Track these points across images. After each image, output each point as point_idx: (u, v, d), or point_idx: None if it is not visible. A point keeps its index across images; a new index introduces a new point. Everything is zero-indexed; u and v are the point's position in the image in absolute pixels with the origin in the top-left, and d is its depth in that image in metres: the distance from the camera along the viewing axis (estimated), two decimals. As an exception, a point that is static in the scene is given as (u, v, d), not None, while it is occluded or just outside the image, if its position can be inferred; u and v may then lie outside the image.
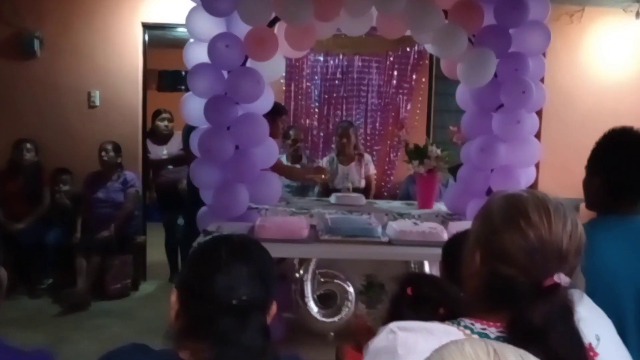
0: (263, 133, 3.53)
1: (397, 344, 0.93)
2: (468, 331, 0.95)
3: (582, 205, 1.73)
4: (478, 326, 0.96)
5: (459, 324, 0.97)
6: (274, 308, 1.18)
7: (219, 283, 1.11)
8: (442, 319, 1.00)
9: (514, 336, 0.92)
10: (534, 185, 4.64)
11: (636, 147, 1.59)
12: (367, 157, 4.89)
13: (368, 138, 5.76)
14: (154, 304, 4.74)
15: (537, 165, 3.77)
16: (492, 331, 0.96)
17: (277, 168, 3.93)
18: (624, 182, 1.59)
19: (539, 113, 3.77)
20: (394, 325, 0.96)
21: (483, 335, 0.95)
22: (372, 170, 4.79)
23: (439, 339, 0.88)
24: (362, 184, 3.81)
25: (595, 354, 1.00)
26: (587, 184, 1.66)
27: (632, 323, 1.44)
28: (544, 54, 3.62)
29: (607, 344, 1.03)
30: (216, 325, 1.08)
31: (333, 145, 5.00)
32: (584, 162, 1.69)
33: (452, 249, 1.61)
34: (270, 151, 3.67)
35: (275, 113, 3.99)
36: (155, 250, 5.41)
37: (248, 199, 3.54)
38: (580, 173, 1.72)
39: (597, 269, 1.35)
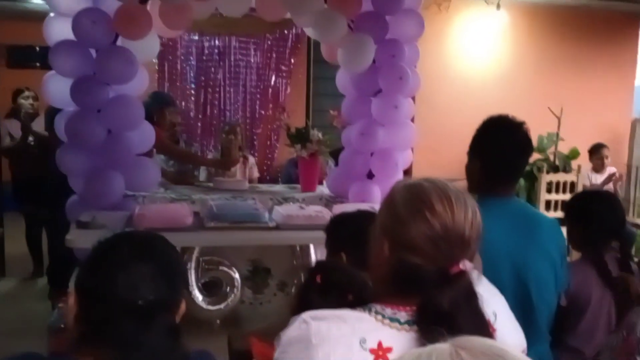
0: (137, 116, 3.36)
1: (311, 333, 0.94)
2: (379, 317, 0.97)
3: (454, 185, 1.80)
4: (389, 311, 0.98)
5: (370, 310, 0.99)
6: (183, 307, 1.16)
7: (121, 283, 1.07)
8: (351, 305, 1.01)
9: (423, 320, 0.96)
10: (409, 168, 4.86)
11: (510, 133, 1.68)
12: (251, 159, 4.88)
13: (248, 121, 5.68)
14: (16, 304, 4.35)
15: (412, 148, 3.89)
16: (403, 315, 0.98)
17: (168, 150, 3.94)
18: (499, 166, 1.68)
19: (413, 98, 3.89)
20: (306, 315, 0.96)
21: (394, 320, 0.97)
22: (256, 173, 4.81)
23: (351, 326, 0.95)
24: (246, 186, 3.82)
25: (494, 330, 1.04)
26: (469, 168, 1.73)
27: (511, 298, 1.51)
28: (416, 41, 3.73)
29: (503, 319, 1.10)
30: (119, 328, 1.05)
31: (218, 147, 4.95)
32: (452, 145, 1.76)
33: (335, 232, 1.63)
34: (146, 135, 3.49)
35: (163, 103, 4.00)
36: (14, 244, 4.93)
37: (123, 186, 3.37)
38: (449, 154, 1.78)
39: (480, 247, 1.43)
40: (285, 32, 5.59)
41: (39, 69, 3.56)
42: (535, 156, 5.32)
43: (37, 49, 6.65)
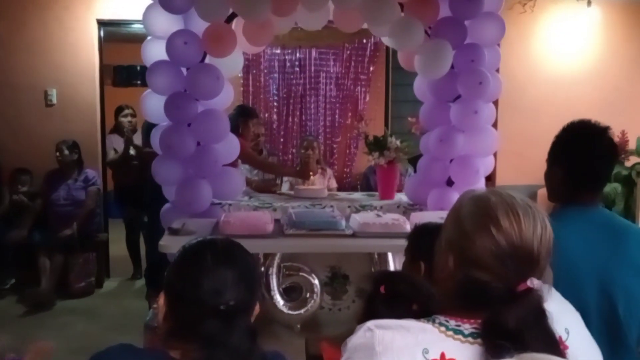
0: (224, 129, 3.49)
1: (375, 341, 0.95)
2: (443, 328, 0.97)
3: (540, 192, 1.74)
4: (452, 323, 0.98)
5: (433, 321, 0.99)
6: (257, 308, 1.21)
7: (205, 287, 1.13)
8: (416, 315, 1.02)
9: (488, 335, 0.94)
10: (492, 174, 4.70)
11: (594, 138, 1.59)
12: (329, 171, 4.96)
13: (327, 130, 5.74)
14: (118, 301, 4.67)
15: (494, 154, 3.80)
16: (467, 327, 0.97)
17: (252, 160, 4.10)
18: (583, 174, 1.59)
19: (495, 103, 3.79)
20: (371, 323, 0.98)
21: (458, 332, 0.97)
22: (334, 184, 4.87)
23: (415, 336, 0.95)
24: (325, 194, 3.91)
25: (565, 347, 1.01)
26: (549, 175, 1.66)
27: (595, 313, 1.46)
28: (498, 44, 3.64)
29: (576, 337, 1.06)
30: (204, 328, 1.09)
31: (298, 160, 5.10)
32: (539, 150, 1.69)
33: (417, 240, 1.62)
34: (232, 147, 3.63)
35: (247, 115, 4.15)
36: (117, 247, 5.28)
37: (211, 194, 3.49)
38: (535, 160, 1.71)
39: (560, 260, 1.38)
40: (364, 41, 5.60)
41: (140, 86, 3.81)
42: (633, 160, 4.96)
43: (138, 68, 7.12)
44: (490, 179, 4.96)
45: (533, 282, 0.95)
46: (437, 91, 3.56)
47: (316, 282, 3.24)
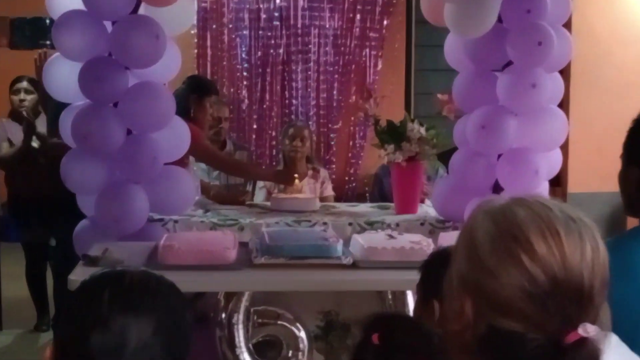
0: (166, 111, 3.49)
1: None
2: None
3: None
4: None
5: None
6: None
7: (95, 344, 1.13)
8: None
9: None
10: (560, 177, 4.68)
11: None
12: (323, 171, 5.00)
13: (322, 113, 5.73)
14: (15, 364, 4.60)
15: (563, 148, 3.82)
16: None
17: (210, 157, 4.15)
18: None
19: (564, 73, 3.77)
20: None
21: None
22: (330, 190, 4.92)
23: None
24: (316, 206, 3.97)
25: None
26: (623, 177, 1.68)
27: None
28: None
29: None
30: None
31: (280, 156, 5.15)
32: None
33: (430, 272, 1.69)
34: (178, 137, 3.64)
35: (202, 91, 4.14)
36: (13, 285, 5.22)
37: (147, 206, 3.51)
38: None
39: (631, 297, 1.44)
40: (374, -16, 5.61)
41: (52, 48, 3.75)
42: None
43: (47, 22, 7.00)
44: (558, 183, 4.96)
45: (587, 330, 0.95)
46: (477, 56, 3.56)
47: (303, 334, 3.25)
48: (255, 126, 5.73)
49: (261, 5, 5.64)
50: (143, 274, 1.26)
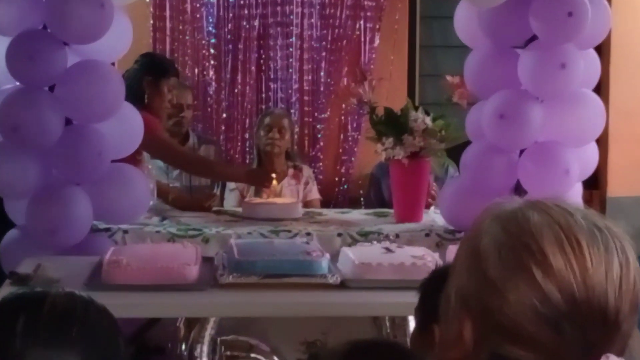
0: (114, 96, 3.52)
1: None
2: None
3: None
4: None
5: None
6: None
7: None
8: None
9: None
10: (597, 178, 4.70)
11: None
12: (306, 170, 5.03)
13: (306, 100, 5.72)
14: None
15: (601, 141, 3.85)
16: None
17: (169, 153, 4.19)
18: None
19: (602, 51, 3.79)
20: None
21: None
22: (316, 194, 4.96)
23: None
24: (298, 213, 4.00)
25: None
26: None
27: None
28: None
29: None
30: None
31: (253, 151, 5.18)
32: None
33: (430, 293, 1.72)
34: (129, 128, 3.67)
35: (159, 72, 4.17)
36: None
37: (91, 213, 3.52)
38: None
39: None
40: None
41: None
42: None
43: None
44: (595, 185, 4.97)
45: None
46: (494, 30, 3.60)
47: (281, 369, 3.27)
48: (224, 115, 5.70)
49: (231, -33, 5.65)
50: (68, 297, 1.24)
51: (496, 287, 1.00)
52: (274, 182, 4.17)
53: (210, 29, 5.70)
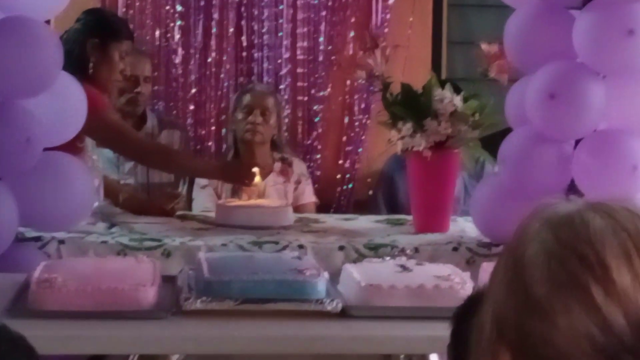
0: (48, 63, 3.53)
1: None
2: None
3: None
4: None
5: None
6: None
7: None
8: None
9: None
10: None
11: None
12: (298, 165, 5.08)
13: (299, 73, 5.73)
14: None
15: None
16: None
17: (120, 139, 4.21)
18: None
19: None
20: None
21: None
22: (311, 195, 5.02)
23: None
24: (288, 220, 4.02)
25: None
26: None
27: None
28: None
29: None
30: None
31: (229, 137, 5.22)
32: None
33: (464, 325, 1.76)
34: (69, 105, 3.68)
35: (107, 35, 4.19)
36: None
37: (16, 217, 3.53)
38: None
39: None
40: None
41: None
42: None
43: None
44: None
45: None
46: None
47: None
48: (193, 91, 5.72)
49: None
50: None
51: (542, 308, 1.01)
52: (256, 178, 4.16)
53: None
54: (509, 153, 3.76)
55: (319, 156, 5.71)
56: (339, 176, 5.75)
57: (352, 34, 5.72)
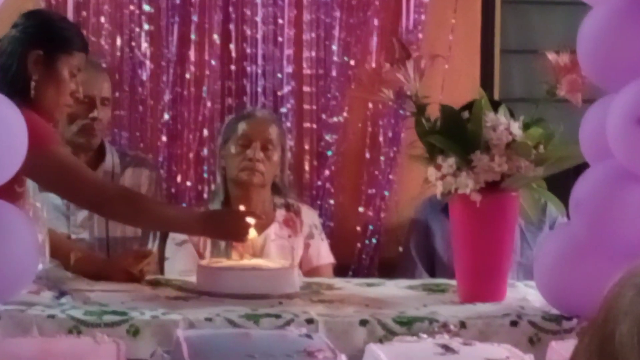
0: None
1: None
2: None
3: None
4: None
5: None
6: None
7: None
8: None
9: None
10: None
11: None
12: (308, 214, 5.11)
13: (306, 92, 5.75)
14: None
15: None
16: None
17: (71, 181, 4.20)
18: None
19: None
20: None
21: None
22: (328, 255, 5.07)
23: None
24: (293, 287, 3.99)
25: None
26: None
27: None
28: None
29: None
30: None
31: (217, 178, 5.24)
32: None
33: None
34: (4, 136, 3.63)
35: (55, 45, 4.20)
36: None
37: None
38: None
39: None
40: None
41: None
42: None
43: None
44: None
45: None
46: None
47: None
48: (166, 117, 5.76)
49: None
50: None
51: None
52: (252, 232, 4.15)
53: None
54: (585, 196, 3.74)
55: (332, 202, 5.74)
56: (359, 228, 5.77)
57: (375, 40, 5.77)
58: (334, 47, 5.75)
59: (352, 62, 5.77)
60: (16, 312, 3.62)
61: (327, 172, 5.75)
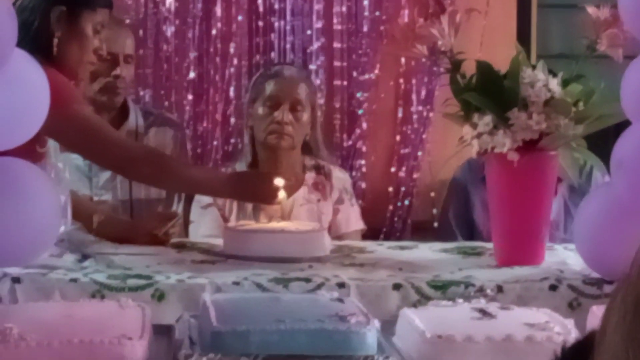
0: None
1: None
2: None
3: None
4: None
5: None
6: None
7: None
8: None
9: None
10: None
11: None
12: (339, 177, 5.08)
13: (336, 48, 5.74)
14: None
15: None
16: None
17: (95, 140, 4.20)
18: None
19: None
20: None
21: None
22: (357, 221, 5.03)
23: None
24: (324, 249, 3.91)
25: None
26: None
27: None
28: None
29: None
30: None
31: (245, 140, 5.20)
32: None
33: None
34: (25, 94, 3.68)
35: (78, 1, 4.20)
36: None
37: None
38: None
39: None
40: None
41: None
42: None
43: None
44: None
45: None
46: None
47: None
48: (191, 75, 5.76)
49: None
50: None
51: None
52: (280, 194, 4.16)
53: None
54: (627, 156, 3.73)
55: (363, 162, 5.75)
56: (391, 189, 5.77)
57: (406, 9, 5.75)
58: (365, 2, 5.74)
59: (384, 17, 5.75)
60: (38, 275, 3.64)
61: (358, 132, 5.74)
